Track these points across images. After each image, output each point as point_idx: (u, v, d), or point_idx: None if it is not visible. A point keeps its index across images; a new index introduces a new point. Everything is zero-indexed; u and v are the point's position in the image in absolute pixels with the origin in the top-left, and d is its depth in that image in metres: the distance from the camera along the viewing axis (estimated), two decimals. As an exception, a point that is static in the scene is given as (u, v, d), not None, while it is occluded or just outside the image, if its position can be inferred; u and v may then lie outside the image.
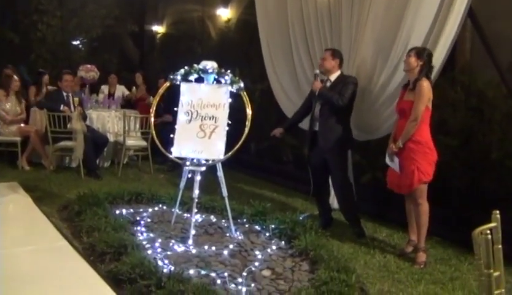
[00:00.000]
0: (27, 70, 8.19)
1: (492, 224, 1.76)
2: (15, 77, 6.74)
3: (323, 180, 4.62)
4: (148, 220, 4.43)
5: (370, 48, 4.52)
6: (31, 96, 7.42)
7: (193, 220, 3.99)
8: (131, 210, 4.66)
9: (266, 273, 3.43)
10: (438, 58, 4.02)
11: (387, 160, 3.90)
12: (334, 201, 4.88)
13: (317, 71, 4.41)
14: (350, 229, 4.50)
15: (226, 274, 3.29)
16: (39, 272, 3.24)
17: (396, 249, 4.11)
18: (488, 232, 1.67)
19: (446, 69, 4.31)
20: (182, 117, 4.14)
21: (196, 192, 3.97)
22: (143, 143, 6.95)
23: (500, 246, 1.77)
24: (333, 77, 4.39)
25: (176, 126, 4.15)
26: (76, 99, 6.52)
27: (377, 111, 4.56)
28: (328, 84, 4.37)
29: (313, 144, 4.46)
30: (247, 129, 4.03)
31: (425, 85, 3.65)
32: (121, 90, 8.42)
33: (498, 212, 1.78)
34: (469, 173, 4.43)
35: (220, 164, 4.08)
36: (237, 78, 4.12)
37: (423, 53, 3.75)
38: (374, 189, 5.03)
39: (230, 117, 4.06)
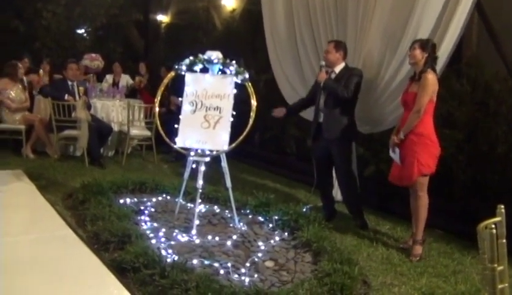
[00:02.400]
0: (31, 59, 8.17)
1: (497, 218, 1.75)
2: (19, 64, 6.74)
3: (327, 172, 4.62)
4: (152, 209, 4.45)
5: (377, 40, 4.49)
6: (34, 83, 7.42)
7: (197, 210, 4.01)
8: (135, 199, 4.68)
9: (269, 264, 3.45)
10: (445, 50, 4.00)
11: (391, 153, 3.89)
12: (337, 194, 4.88)
13: (323, 63, 4.38)
14: (353, 221, 4.51)
15: (229, 264, 3.30)
16: (43, 260, 3.26)
17: (399, 241, 4.11)
18: (493, 226, 1.67)
19: (452, 62, 4.28)
20: (186, 107, 4.14)
21: (200, 182, 3.98)
22: (148, 133, 6.96)
23: (505, 241, 1.76)
24: (338, 68, 4.37)
25: (180, 117, 4.15)
26: (81, 88, 6.52)
27: (383, 104, 4.54)
28: (333, 76, 4.35)
29: (317, 136, 4.45)
30: (251, 121, 4.02)
31: (430, 77, 3.63)
32: (125, 80, 8.40)
33: (502, 206, 1.78)
34: (474, 167, 4.41)
35: (224, 155, 4.08)
36: (242, 69, 4.10)
37: (428, 45, 3.72)
38: (378, 182, 5.02)
39: (234, 107, 4.05)
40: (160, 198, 4.81)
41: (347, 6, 4.84)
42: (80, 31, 10.37)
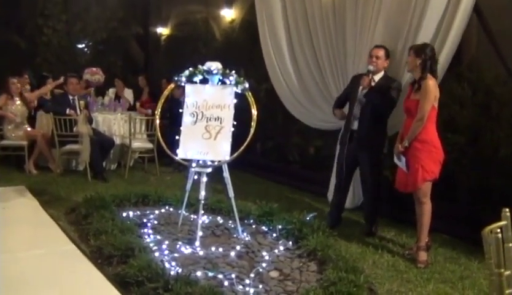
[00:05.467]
0: (32, 74, 8.22)
1: (502, 222, 1.73)
2: (13, 80, 6.74)
3: (348, 180, 4.54)
4: (155, 222, 4.43)
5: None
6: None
7: (200, 221, 3.99)
8: (138, 212, 4.66)
9: (274, 274, 3.42)
10: (447, 54, 4.01)
11: (395, 159, 3.87)
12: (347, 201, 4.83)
13: (371, 68, 4.16)
14: (359, 227, 4.48)
15: (233, 275, 3.28)
16: (47, 276, 3.24)
17: (404, 248, 4.07)
18: (499, 230, 1.65)
19: (452, 66, 4.28)
20: (187, 119, 4.14)
21: (203, 193, 3.97)
22: (149, 145, 6.96)
23: (511, 245, 1.74)
24: (378, 77, 4.23)
25: (181, 128, 4.15)
26: (82, 102, 6.55)
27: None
28: (373, 84, 4.19)
29: (347, 142, 4.34)
30: (252, 130, 4.01)
31: (431, 84, 3.62)
32: (128, 93, 8.41)
33: (508, 210, 1.76)
34: (477, 170, 4.38)
35: (226, 165, 4.07)
36: (241, 78, 4.10)
37: (423, 50, 3.70)
38: (382, 188, 4.98)
39: (235, 117, 4.05)
40: (163, 211, 4.79)
41: (345, 13, 4.86)
42: (81, 46, 10.44)
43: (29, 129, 6.81)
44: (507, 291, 1.65)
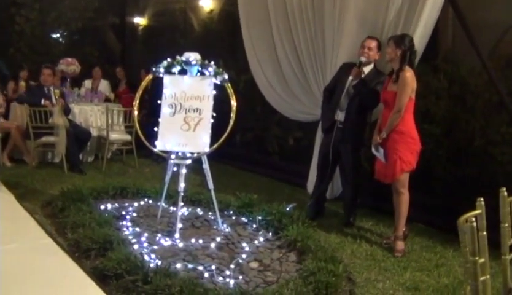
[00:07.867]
0: (5, 65, 8.00)
1: (477, 211, 1.77)
2: None
3: (331, 171, 4.53)
4: (134, 214, 4.39)
5: (355, 36, 4.50)
6: (10, 91, 7.27)
7: (179, 213, 3.97)
8: (116, 205, 4.61)
9: (254, 265, 3.44)
10: (419, 44, 4.06)
11: (373, 150, 3.91)
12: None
13: (363, 59, 4.13)
14: (338, 218, 4.52)
15: (213, 267, 3.28)
16: (23, 270, 3.18)
17: (382, 237, 4.14)
18: (473, 219, 1.68)
19: (429, 58, 4.33)
20: (165, 110, 4.10)
21: (182, 185, 3.94)
22: (128, 137, 6.87)
23: (485, 233, 1.79)
24: (367, 69, 4.20)
25: (160, 119, 4.10)
26: (57, 91, 6.42)
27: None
28: (362, 76, 4.17)
29: (330, 132, 4.35)
30: (232, 122, 4.00)
31: (408, 75, 3.65)
32: (104, 85, 8.29)
33: (482, 199, 1.80)
34: (453, 161, 4.47)
35: (205, 156, 4.05)
36: (221, 69, 4.08)
37: (403, 41, 3.73)
38: (361, 179, 5.04)
39: (214, 108, 4.03)
40: (142, 203, 4.74)
41: (323, 5, 4.86)
42: (55, 36, 10.20)
43: (2, 121, 6.65)
44: (481, 278, 1.69)
